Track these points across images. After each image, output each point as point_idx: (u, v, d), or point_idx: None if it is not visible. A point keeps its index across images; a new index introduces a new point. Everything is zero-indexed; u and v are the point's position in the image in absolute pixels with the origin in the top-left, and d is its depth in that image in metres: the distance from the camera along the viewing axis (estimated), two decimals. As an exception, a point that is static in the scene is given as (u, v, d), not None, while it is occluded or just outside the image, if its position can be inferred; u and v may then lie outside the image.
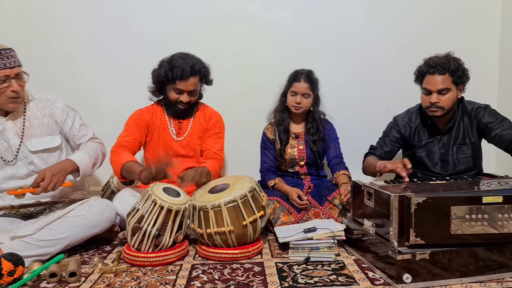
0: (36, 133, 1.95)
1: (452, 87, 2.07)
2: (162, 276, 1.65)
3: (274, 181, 2.35)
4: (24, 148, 1.92)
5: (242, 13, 2.75)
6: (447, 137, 2.19)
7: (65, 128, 2.04)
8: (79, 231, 1.83)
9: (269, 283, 1.56)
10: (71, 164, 1.93)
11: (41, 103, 2.00)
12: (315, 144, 2.41)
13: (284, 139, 2.41)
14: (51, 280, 1.59)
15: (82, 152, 2.00)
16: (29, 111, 1.95)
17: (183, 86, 2.11)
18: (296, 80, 2.36)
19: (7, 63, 1.76)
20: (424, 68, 2.12)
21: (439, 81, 2.05)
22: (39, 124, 1.97)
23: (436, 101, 2.06)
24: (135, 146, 2.17)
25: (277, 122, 2.45)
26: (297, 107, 2.36)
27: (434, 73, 2.06)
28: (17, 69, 1.80)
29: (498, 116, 2.10)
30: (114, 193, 2.36)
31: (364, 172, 2.31)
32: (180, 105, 2.17)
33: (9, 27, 2.63)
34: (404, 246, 1.53)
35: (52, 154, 2.00)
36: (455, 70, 2.05)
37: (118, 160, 2.03)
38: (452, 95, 2.08)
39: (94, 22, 2.70)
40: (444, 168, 2.19)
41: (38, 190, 1.78)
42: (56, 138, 2.01)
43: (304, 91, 2.34)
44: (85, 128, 2.10)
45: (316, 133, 2.42)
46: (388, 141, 2.28)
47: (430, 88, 2.08)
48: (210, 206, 1.80)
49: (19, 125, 1.92)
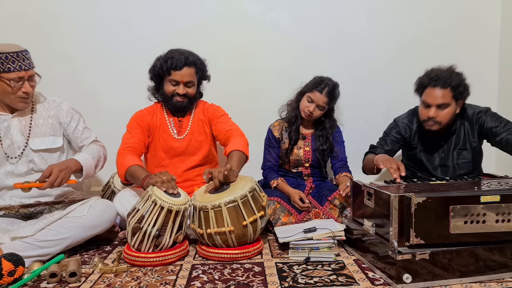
0: (39, 133, 1.98)
1: (452, 102, 2.03)
2: (162, 276, 1.65)
3: (276, 181, 2.34)
4: (27, 146, 1.95)
5: (241, 15, 2.76)
6: (447, 142, 2.18)
7: (68, 129, 2.07)
8: (79, 231, 1.83)
9: (269, 283, 1.56)
10: (75, 163, 1.96)
11: (47, 104, 2.04)
12: (323, 154, 2.39)
13: (294, 138, 2.39)
14: (51, 280, 1.59)
15: (86, 153, 2.04)
16: (36, 111, 2.00)
17: (178, 76, 2.13)
18: (317, 90, 2.29)
19: (23, 65, 1.82)
20: (426, 81, 2.06)
21: (439, 95, 2.01)
22: (44, 124, 2.00)
23: (434, 116, 2.03)
24: (141, 148, 2.17)
25: (290, 120, 2.40)
26: (308, 115, 2.33)
27: (435, 86, 2.02)
28: (31, 71, 1.87)
29: (502, 120, 2.08)
30: (114, 193, 2.37)
31: (363, 170, 2.31)
32: (177, 98, 2.16)
33: (10, 28, 2.65)
34: (404, 246, 1.53)
35: (53, 155, 2.02)
36: (456, 86, 2.00)
37: (123, 163, 2.03)
38: (450, 110, 2.04)
39: (94, 24, 2.71)
40: (444, 172, 2.18)
41: (44, 185, 1.81)
42: (58, 139, 2.04)
43: (321, 103, 2.30)
44: (88, 131, 2.14)
45: (326, 142, 2.39)
46: (388, 141, 2.28)
47: (429, 102, 2.04)
48: (210, 206, 1.80)
49: (25, 123, 1.96)
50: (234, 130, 2.16)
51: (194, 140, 2.25)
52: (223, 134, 2.18)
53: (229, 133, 2.15)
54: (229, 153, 2.03)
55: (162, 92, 2.20)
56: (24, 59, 1.83)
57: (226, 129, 2.17)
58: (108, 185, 2.51)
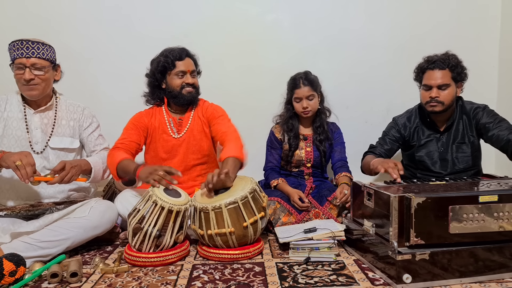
0: (60, 132, 2.07)
1: (451, 83, 2.10)
2: (163, 276, 1.66)
3: (276, 181, 2.35)
4: (47, 143, 2.03)
5: (242, 15, 2.77)
6: (446, 135, 2.20)
7: (84, 133, 2.15)
8: (80, 232, 1.83)
9: (269, 283, 1.57)
10: (86, 163, 2.02)
11: (72, 107, 2.16)
12: (321, 144, 2.42)
13: (293, 144, 2.41)
14: (52, 281, 1.59)
15: (97, 157, 2.11)
16: (60, 112, 2.10)
17: (184, 66, 2.18)
18: (296, 87, 2.36)
19: (24, 52, 1.90)
20: (424, 64, 2.16)
21: (439, 76, 2.09)
22: (65, 125, 2.10)
23: (436, 95, 2.09)
24: (132, 148, 2.16)
25: (287, 129, 2.43)
26: (306, 112, 2.36)
27: (434, 68, 2.10)
28: (34, 60, 1.92)
29: (497, 117, 2.12)
30: (115, 193, 2.37)
31: (362, 170, 2.32)
32: (187, 88, 2.19)
33: (10, 28, 2.66)
34: (404, 246, 1.53)
35: (68, 155, 2.08)
36: (455, 66, 2.09)
37: (112, 161, 2.04)
38: (451, 91, 2.10)
39: (94, 24, 2.72)
40: (443, 167, 2.20)
41: (55, 179, 1.84)
42: (76, 141, 2.12)
43: (307, 94, 2.34)
44: (102, 139, 2.22)
45: (323, 132, 2.43)
46: (388, 140, 2.29)
47: (430, 83, 2.10)
48: (211, 207, 1.80)
49: (46, 121, 2.04)
50: (229, 133, 2.14)
51: (193, 138, 2.25)
52: (219, 136, 2.19)
53: (224, 135, 2.14)
54: (224, 160, 2.01)
55: (170, 90, 2.21)
56: (29, 47, 1.90)
57: (222, 131, 2.17)
58: (109, 185, 2.51)
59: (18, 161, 1.72)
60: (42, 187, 1.98)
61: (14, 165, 1.72)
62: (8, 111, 2.01)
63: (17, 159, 1.73)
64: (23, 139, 1.98)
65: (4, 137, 1.97)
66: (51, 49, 2.01)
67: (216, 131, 2.22)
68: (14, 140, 1.97)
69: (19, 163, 1.72)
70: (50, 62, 1.99)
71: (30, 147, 1.98)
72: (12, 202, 1.96)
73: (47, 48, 1.97)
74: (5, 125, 1.98)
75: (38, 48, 1.93)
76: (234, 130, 2.18)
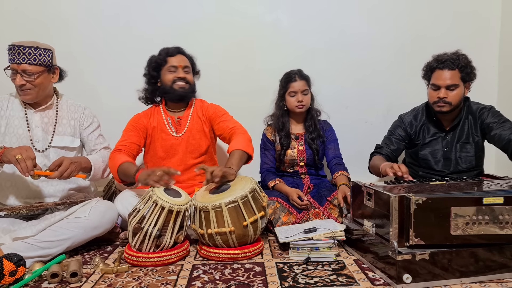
0: (61, 131, 2.08)
1: (460, 83, 2.09)
2: (163, 276, 1.66)
3: (274, 181, 2.35)
4: (51, 142, 2.04)
5: (242, 16, 2.77)
6: (451, 135, 2.20)
7: (85, 132, 2.16)
8: (81, 232, 1.84)
9: (269, 283, 1.57)
10: (86, 160, 2.03)
11: (73, 107, 2.16)
12: (313, 142, 2.43)
13: (285, 143, 2.42)
14: (52, 281, 1.59)
15: (97, 155, 2.12)
16: (61, 111, 2.11)
17: (175, 61, 2.22)
18: (291, 81, 2.39)
19: (16, 58, 1.90)
20: (434, 64, 2.13)
21: (448, 76, 2.07)
22: (66, 124, 2.11)
23: (444, 96, 2.08)
24: (132, 149, 2.17)
25: (278, 128, 2.45)
26: (300, 106, 2.38)
27: (443, 68, 2.08)
28: (23, 66, 1.91)
29: (501, 118, 2.12)
30: (115, 193, 2.37)
31: (370, 171, 2.31)
32: (178, 83, 2.21)
33: (9, 27, 2.66)
34: (404, 247, 1.53)
35: (69, 153, 2.08)
36: (464, 66, 2.08)
37: (113, 164, 2.05)
38: (459, 92, 2.09)
39: (94, 23, 2.72)
40: (446, 166, 2.20)
41: (55, 174, 1.84)
42: (76, 140, 2.13)
43: (303, 88, 2.37)
44: (102, 138, 2.23)
45: (315, 131, 2.44)
46: (394, 139, 2.29)
47: (439, 84, 2.09)
48: (211, 206, 1.80)
49: (47, 120, 2.05)
50: (237, 128, 2.19)
51: (192, 138, 2.26)
52: (227, 132, 2.20)
53: (232, 131, 2.18)
54: (231, 152, 2.06)
55: (163, 86, 2.23)
56: (20, 53, 1.90)
57: (230, 127, 2.20)
58: (109, 185, 2.51)
59: (18, 154, 1.73)
60: (42, 186, 1.98)
61: (15, 158, 1.73)
62: (10, 110, 2.02)
63: (18, 153, 1.73)
64: (25, 137, 1.99)
65: (6, 135, 1.98)
66: (47, 52, 1.96)
67: (223, 128, 2.23)
68: (15, 138, 1.98)
69: (19, 156, 1.72)
70: (44, 66, 1.96)
71: (31, 146, 1.99)
72: (13, 200, 1.96)
73: (40, 52, 1.93)
74: (7, 123, 1.99)
75: (30, 53, 1.90)
76: (241, 125, 2.23)
